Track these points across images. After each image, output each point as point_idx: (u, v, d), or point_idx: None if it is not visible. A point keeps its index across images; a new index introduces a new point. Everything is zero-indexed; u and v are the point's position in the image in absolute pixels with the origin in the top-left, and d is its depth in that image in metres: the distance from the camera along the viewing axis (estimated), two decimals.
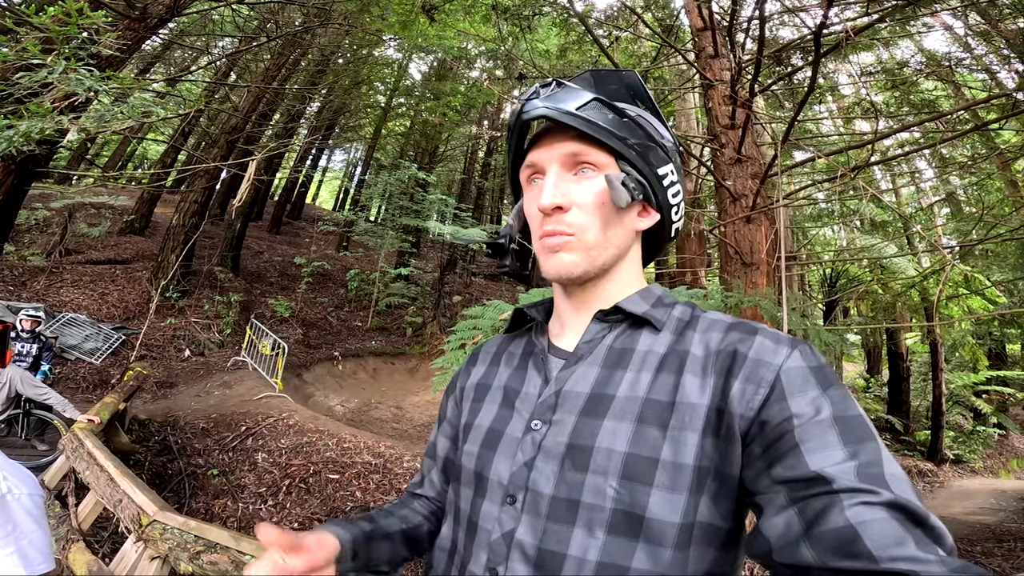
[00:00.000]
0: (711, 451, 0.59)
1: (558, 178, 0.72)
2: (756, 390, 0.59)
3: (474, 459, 0.73)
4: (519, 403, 0.74)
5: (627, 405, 0.64)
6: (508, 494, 0.66)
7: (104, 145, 22.33)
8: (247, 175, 6.23)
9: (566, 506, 0.61)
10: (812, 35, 2.75)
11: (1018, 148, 6.51)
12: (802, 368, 0.60)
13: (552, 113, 0.70)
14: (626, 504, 0.58)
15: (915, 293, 9.57)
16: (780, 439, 0.55)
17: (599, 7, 9.78)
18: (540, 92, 0.74)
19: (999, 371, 13.73)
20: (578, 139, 0.72)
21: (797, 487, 0.52)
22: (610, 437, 0.62)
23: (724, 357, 0.64)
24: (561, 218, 0.72)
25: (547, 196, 0.71)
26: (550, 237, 0.72)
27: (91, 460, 3.38)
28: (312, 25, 9.87)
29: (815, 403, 0.56)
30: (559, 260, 0.72)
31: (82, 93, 3.32)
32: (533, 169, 0.77)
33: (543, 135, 0.76)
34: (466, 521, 0.71)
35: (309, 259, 14.69)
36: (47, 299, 9.87)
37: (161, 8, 5.56)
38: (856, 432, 0.53)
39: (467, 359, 0.94)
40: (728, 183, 4.13)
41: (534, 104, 0.72)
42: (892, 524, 0.46)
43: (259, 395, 8.08)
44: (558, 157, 0.73)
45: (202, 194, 12.17)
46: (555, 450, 0.65)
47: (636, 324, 0.74)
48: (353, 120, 20.11)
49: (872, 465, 0.50)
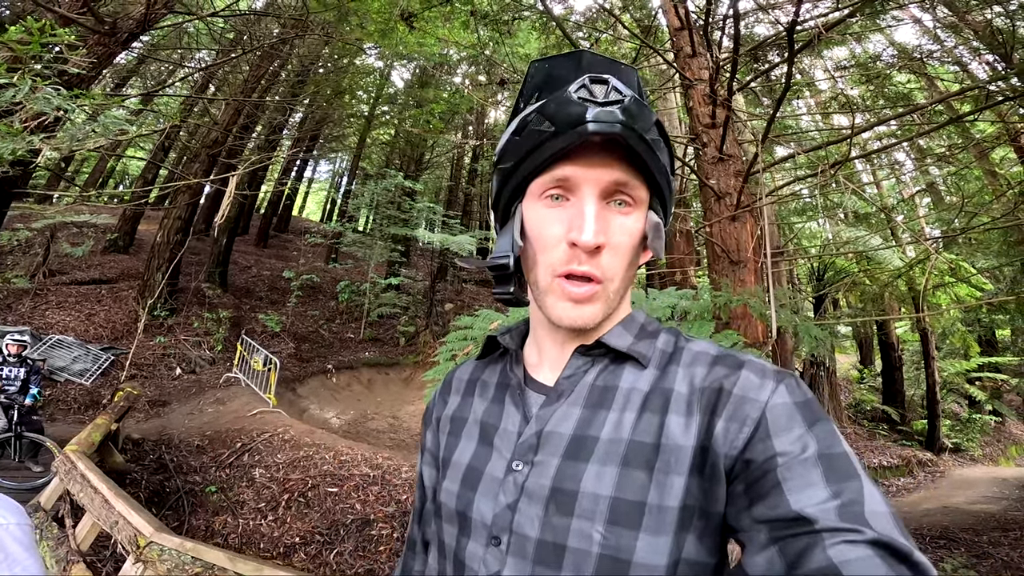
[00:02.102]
0: (696, 491, 0.58)
1: (600, 208, 0.63)
2: (740, 428, 0.58)
3: (454, 498, 0.70)
4: (498, 440, 0.70)
5: (611, 448, 0.61)
6: (492, 535, 0.64)
7: (83, 162, 22.06)
8: (228, 190, 6.20)
9: (553, 550, 0.59)
10: (786, 32, 2.79)
11: (994, 138, 6.62)
12: (788, 405, 0.58)
13: (630, 136, 0.60)
14: (613, 549, 0.57)
15: (902, 283, 9.68)
16: (763, 477, 0.54)
17: (578, 9, 9.84)
18: (608, 94, 0.60)
19: (990, 358, 13.79)
20: (628, 166, 0.63)
21: (778, 527, 0.51)
22: (595, 481, 0.60)
23: (709, 394, 0.61)
24: (597, 261, 0.63)
25: (590, 232, 0.61)
26: (577, 284, 0.64)
27: (84, 482, 3.37)
28: (289, 36, 9.83)
29: (801, 441, 0.54)
30: (581, 312, 0.64)
31: (50, 112, 3.27)
32: (562, 187, 0.65)
33: (585, 148, 0.62)
34: (452, 556, 0.68)
35: (298, 272, 14.60)
36: (33, 322, 9.76)
37: (131, 23, 5.48)
38: (841, 470, 0.52)
39: (440, 387, 0.89)
40: (712, 182, 4.16)
41: (612, 115, 0.59)
42: (875, 562, 0.45)
43: (253, 411, 8.02)
44: (602, 183, 0.63)
45: (185, 210, 12.07)
46: (538, 493, 0.62)
47: (618, 359, 0.69)
48: (337, 130, 20.01)
49: (854, 504, 0.49)
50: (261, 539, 5.09)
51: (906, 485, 10.03)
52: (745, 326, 3.81)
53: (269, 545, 5.02)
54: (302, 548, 4.99)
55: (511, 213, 0.70)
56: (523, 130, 0.64)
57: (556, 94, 0.62)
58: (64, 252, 12.41)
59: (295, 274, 14.47)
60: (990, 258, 8.44)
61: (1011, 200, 6.25)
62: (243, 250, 18.26)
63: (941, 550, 5.65)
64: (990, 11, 5.29)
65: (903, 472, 10.62)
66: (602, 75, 0.62)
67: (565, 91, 0.61)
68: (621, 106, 0.59)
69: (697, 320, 3.25)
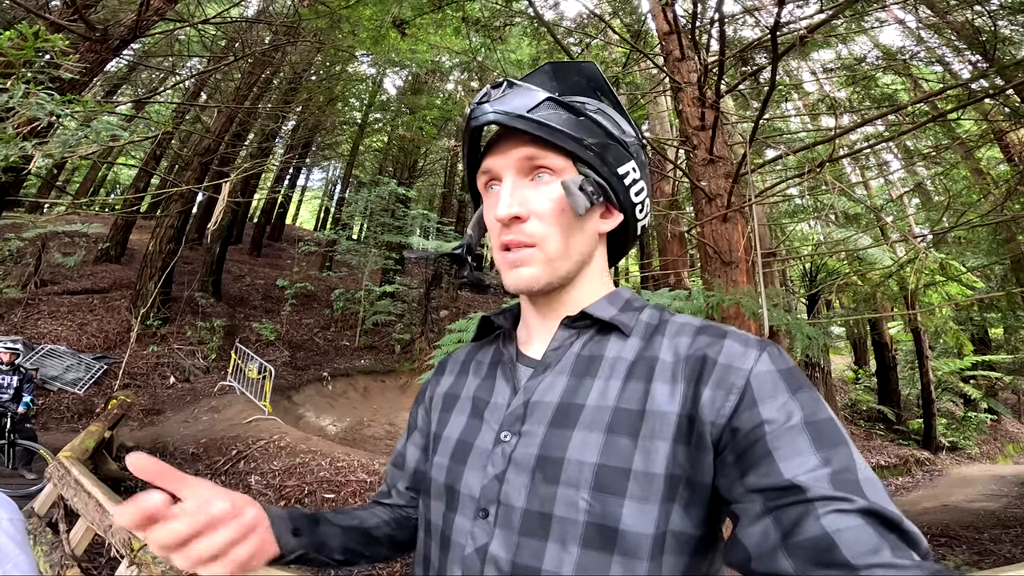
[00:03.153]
0: (682, 459, 0.58)
1: (514, 185, 0.70)
2: (726, 397, 0.58)
3: (444, 472, 0.71)
4: (488, 414, 0.72)
5: (597, 415, 0.62)
6: (480, 508, 0.64)
7: (75, 171, 22.00)
8: (221, 197, 6.19)
9: (539, 519, 0.60)
10: (769, 33, 2.83)
11: (978, 137, 6.70)
12: (772, 372, 0.59)
13: (502, 119, 0.66)
14: (599, 517, 0.57)
15: (893, 282, 9.74)
16: (752, 446, 0.54)
17: (569, 15, 9.92)
18: (491, 94, 0.69)
19: (984, 356, 13.80)
20: (533, 143, 0.68)
21: (772, 496, 0.51)
22: (580, 448, 0.61)
23: (694, 363, 0.63)
24: (520, 228, 0.69)
25: (503, 206, 0.68)
26: (509, 251, 0.70)
27: (78, 487, 3.35)
28: (281, 43, 9.84)
29: (786, 408, 0.55)
30: (519, 274, 0.70)
31: (43, 118, 3.27)
32: (489, 176, 0.73)
33: (498, 139, 0.72)
34: (439, 535, 0.69)
35: (292, 281, 14.57)
36: (25, 331, 9.70)
37: (123, 30, 5.47)
38: (827, 437, 0.53)
39: (436, 368, 0.91)
40: (702, 184, 4.19)
41: (483, 109, 0.68)
42: (867, 531, 0.46)
43: (248, 418, 7.99)
44: (513, 163, 0.70)
45: (178, 219, 12.03)
46: (526, 462, 0.63)
47: (604, 330, 0.71)
48: (330, 137, 20.01)
49: (846, 471, 0.50)
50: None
51: (905, 484, 10.01)
52: (738, 326, 3.83)
53: None
54: None
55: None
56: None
57: None
58: (56, 262, 12.36)
59: (289, 282, 14.43)
60: (980, 256, 8.50)
61: (998, 198, 6.32)
62: (236, 259, 18.21)
63: (943, 548, 5.62)
64: (971, 11, 5.38)
65: (901, 471, 10.62)
66: (500, 79, 0.71)
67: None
68: (496, 97, 0.68)
69: None
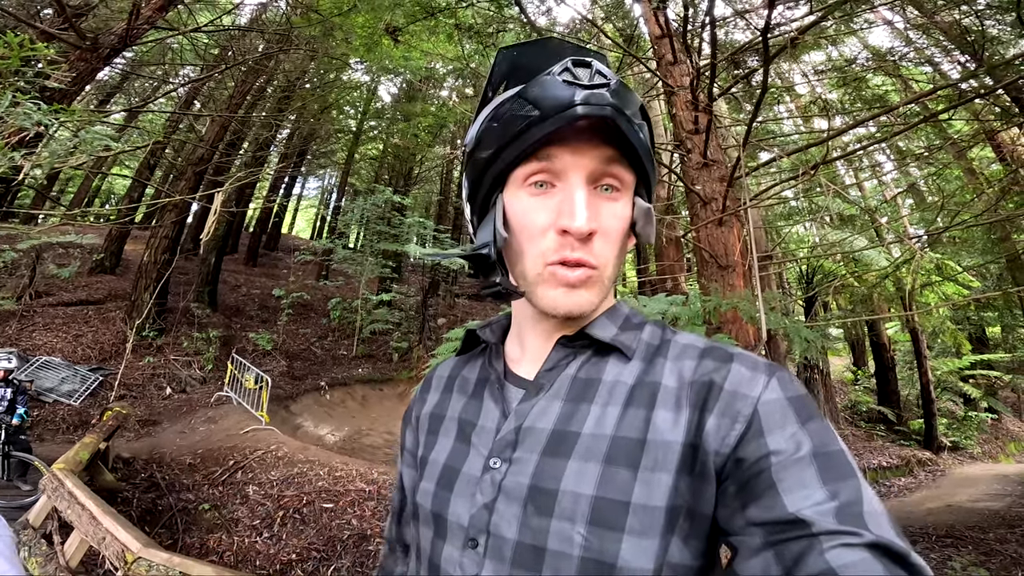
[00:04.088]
0: (685, 490, 0.54)
1: (589, 195, 0.61)
2: (732, 425, 0.55)
3: (430, 498, 0.66)
4: (475, 437, 0.67)
5: (593, 444, 0.58)
6: (469, 537, 0.60)
7: (68, 182, 21.97)
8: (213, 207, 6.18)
9: (532, 553, 0.56)
10: (760, 35, 2.84)
11: (970, 137, 6.73)
12: (781, 400, 0.55)
13: (622, 122, 0.58)
14: (595, 552, 0.53)
15: (889, 283, 9.76)
16: (756, 477, 0.51)
17: (562, 20, 9.97)
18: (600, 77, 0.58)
19: (983, 355, 13.82)
20: (613, 150, 0.61)
21: (773, 529, 0.48)
22: (576, 479, 0.57)
23: (699, 388, 0.59)
24: (590, 247, 0.61)
25: (581, 217, 0.58)
26: (572, 268, 0.60)
27: (72, 499, 3.35)
28: (274, 51, 9.84)
29: (794, 439, 0.52)
30: (578, 297, 0.61)
31: (31, 127, 3.25)
32: (547, 173, 0.62)
33: (575, 133, 0.60)
34: (427, 562, 0.65)
35: (288, 290, 14.51)
36: (20, 343, 9.64)
37: (113, 38, 5.45)
38: (837, 470, 0.50)
39: (421, 385, 0.86)
40: (697, 188, 4.19)
41: (603, 96, 0.57)
42: (874, 565, 0.43)
43: (245, 429, 7.95)
44: (589, 168, 0.61)
45: (172, 229, 11.98)
46: (516, 492, 0.59)
47: (602, 351, 0.66)
48: (325, 146, 20.01)
49: (852, 505, 0.47)
50: (257, 556, 5.02)
51: (907, 485, 9.99)
52: (736, 330, 3.83)
53: (265, 562, 4.94)
54: (299, 565, 4.91)
55: (491, 204, 0.65)
56: (502, 116, 0.61)
57: (538, 78, 0.59)
58: (50, 273, 12.29)
59: (286, 292, 14.37)
60: (975, 256, 8.54)
61: (992, 198, 6.35)
62: (232, 269, 18.15)
63: (948, 548, 5.58)
64: (958, 11, 5.41)
65: (903, 472, 10.60)
66: (584, 58, 0.59)
67: (549, 74, 0.58)
68: (609, 88, 0.57)
69: (688, 325, 3.27)
